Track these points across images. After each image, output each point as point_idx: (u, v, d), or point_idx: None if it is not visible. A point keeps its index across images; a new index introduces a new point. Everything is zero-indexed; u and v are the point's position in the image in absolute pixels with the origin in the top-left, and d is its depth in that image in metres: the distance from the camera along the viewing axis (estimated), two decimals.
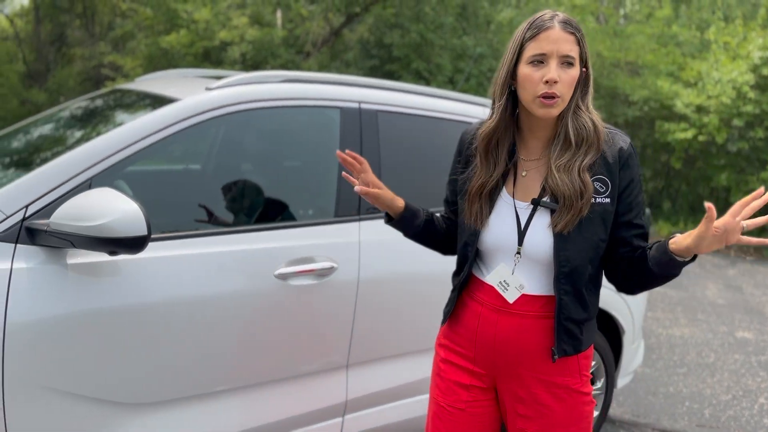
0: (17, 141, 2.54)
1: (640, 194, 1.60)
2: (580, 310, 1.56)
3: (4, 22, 19.24)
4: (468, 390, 1.66)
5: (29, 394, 1.77)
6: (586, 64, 1.54)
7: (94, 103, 2.69)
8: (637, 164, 1.59)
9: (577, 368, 1.60)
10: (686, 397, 4.01)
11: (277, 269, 2.14)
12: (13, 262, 1.76)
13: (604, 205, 1.53)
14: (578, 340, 1.57)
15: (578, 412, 1.60)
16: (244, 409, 2.16)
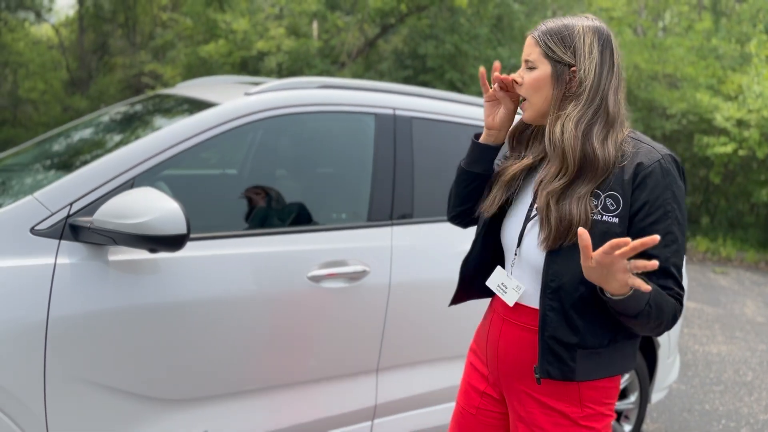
0: (62, 142, 2.62)
1: (664, 221, 1.39)
2: (567, 331, 1.43)
3: (49, 32, 19.87)
4: (481, 396, 1.66)
5: (68, 386, 1.82)
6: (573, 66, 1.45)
7: (137, 107, 2.77)
8: (665, 185, 1.39)
9: (577, 397, 1.48)
10: (722, 415, 3.91)
11: (310, 271, 2.17)
12: (57, 257, 1.82)
13: (608, 224, 1.40)
14: (567, 366, 1.43)
15: None
16: (273, 409, 2.18)
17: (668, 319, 1.38)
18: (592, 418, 1.49)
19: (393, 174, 2.42)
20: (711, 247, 9.50)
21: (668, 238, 1.39)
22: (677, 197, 1.41)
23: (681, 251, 1.41)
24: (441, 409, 2.53)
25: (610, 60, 1.47)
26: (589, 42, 1.46)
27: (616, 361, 1.48)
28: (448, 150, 2.62)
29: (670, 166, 1.41)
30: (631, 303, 1.31)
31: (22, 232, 1.81)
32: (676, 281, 1.40)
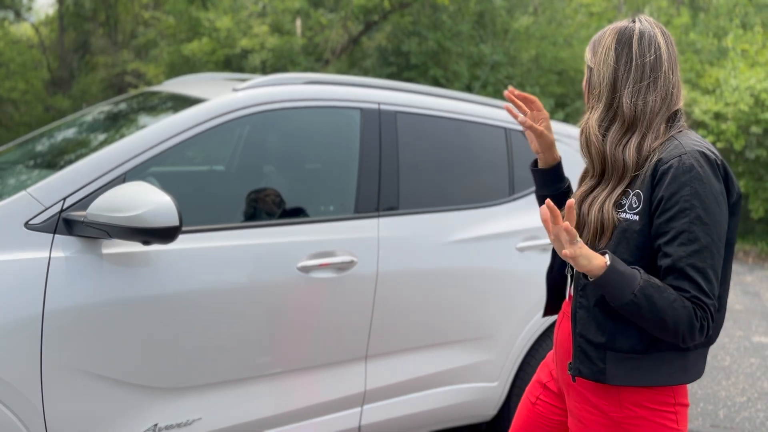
0: (52, 140, 2.66)
1: (679, 219, 1.34)
2: (595, 330, 1.44)
3: (29, 31, 19.67)
4: (543, 388, 1.70)
5: (65, 377, 1.87)
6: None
7: (125, 104, 2.81)
8: (684, 182, 1.34)
9: (617, 398, 1.44)
10: (701, 398, 4.03)
11: (300, 262, 2.23)
12: (52, 251, 1.86)
13: (629, 222, 1.41)
14: (596, 366, 1.43)
15: None
16: (267, 397, 2.24)
17: (680, 321, 1.32)
18: (636, 421, 1.44)
19: (379, 167, 2.48)
20: None
21: (684, 236, 1.33)
22: (700, 195, 1.34)
23: (704, 253, 1.33)
24: (427, 394, 2.60)
25: (628, 57, 1.45)
26: (608, 44, 1.48)
27: (659, 370, 1.42)
28: (431, 143, 2.69)
29: (694, 163, 1.36)
30: (610, 289, 1.32)
31: (16, 227, 1.85)
32: (694, 284, 1.33)
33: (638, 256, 1.40)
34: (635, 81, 1.44)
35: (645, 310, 1.31)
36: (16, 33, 18.69)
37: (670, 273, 1.35)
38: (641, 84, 1.44)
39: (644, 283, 1.31)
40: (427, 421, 2.64)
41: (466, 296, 2.63)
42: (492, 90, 10.65)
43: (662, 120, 1.46)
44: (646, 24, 1.48)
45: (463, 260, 2.60)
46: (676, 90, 1.47)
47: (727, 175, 1.40)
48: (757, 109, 9.20)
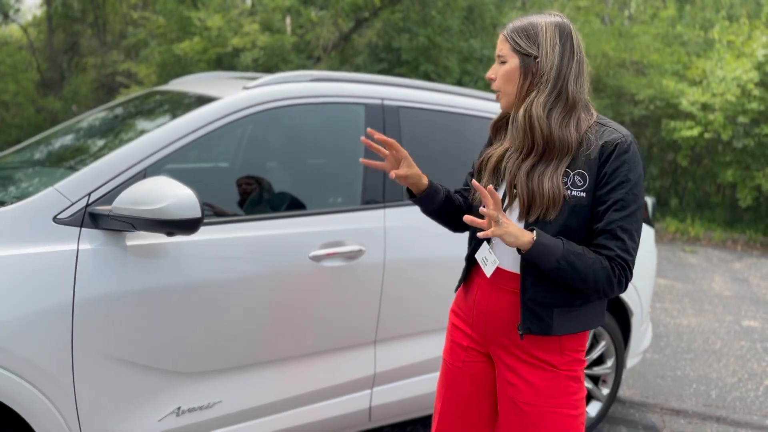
0: (67, 139, 2.75)
1: (618, 190, 1.59)
2: (543, 293, 1.65)
3: (17, 32, 19.59)
4: (466, 351, 1.86)
5: (94, 362, 1.97)
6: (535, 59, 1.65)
7: (138, 104, 2.90)
8: (625, 161, 1.59)
9: (557, 347, 1.70)
10: (693, 380, 4.18)
11: (311, 252, 2.34)
12: (79, 243, 1.96)
13: (577, 198, 1.61)
14: (546, 323, 1.65)
15: (562, 387, 1.70)
16: (281, 380, 2.35)
17: (599, 279, 1.57)
18: (571, 364, 1.72)
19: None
20: (680, 228, 9.85)
21: (619, 204, 1.58)
22: (634, 171, 1.60)
23: (632, 217, 1.59)
24: (434, 377, 2.72)
25: (571, 50, 1.67)
26: (551, 36, 1.66)
27: (589, 317, 1.71)
28: (433, 136, 2.80)
29: (631, 144, 1.62)
30: (538, 259, 1.56)
31: (45, 221, 1.95)
32: (620, 243, 1.57)
33: (585, 226, 1.63)
34: (576, 70, 1.67)
35: (569, 273, 1.56)
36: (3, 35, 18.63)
37: (602, 233, 1.60)
38: (580, 71, 1.68)
39: (565, 252, 1.56)
40: (433, 403, 2.76)
41: None
42: (482, 84, 10.77)
43: (586, 104, 1.70)
44: (567, 18, 1.72)
45: (462, 247, 2.71)
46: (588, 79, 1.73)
47: (643, 158, 1.64)
48: (743, 99, 9.38)
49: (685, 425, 3.54)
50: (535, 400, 1.70)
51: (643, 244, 3.34)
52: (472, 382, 1.85)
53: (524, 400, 1.72)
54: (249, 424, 2.29)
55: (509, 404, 1.75)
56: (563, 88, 1.66)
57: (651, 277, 3.42)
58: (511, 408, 1.75)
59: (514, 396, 1.74)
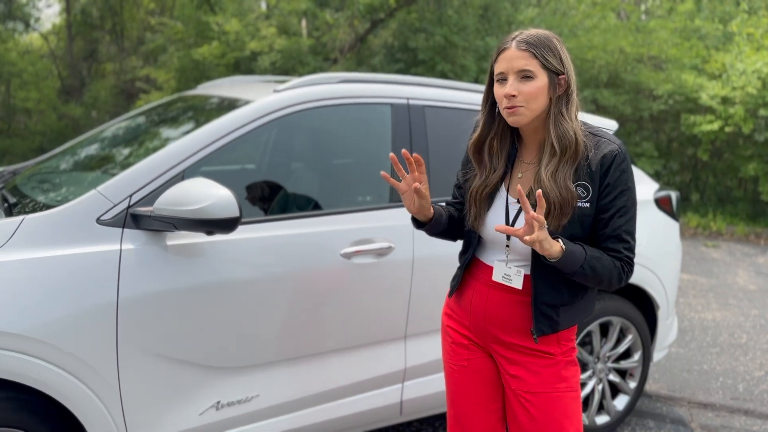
0: (105, 142, 2.83)
1: (621, 198, 1.70)
2: (555, 295, 1.77)
3: (38, 41, 19.92)
4: (468, 349, 1.93)
5: (138, 358, 2.04)
6: (563, 74, 1.70)
7: (170, 108, 2.98)
8: (623, 170, 1.70)
9: (555, 339, 1.81)
10: (720, 373, 4.18)
11: (342, 249, 2.39)
12: (122, 243, 2.03)
13: (582, 209, 1.71)
14: (554, 321, 1.78)
15: (560, 374, 1.82)
16: (315, 374, 2.41)
17: (613, 278, 1.71)
18: (568, 353, 1.86)
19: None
20: (702, 223, 9.78)
21: (622, 210, 1.71)
22: (630, 178, 1.73)
23: (633, 221, 1.73)
24: None
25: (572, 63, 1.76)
26: (565, 51, 1.74)
27: (586, 309, 1.87)
28: (458, 134, 2.84)
29: (625, 153, 1.73)
30: (566, 265, 1.64)
31: (89, 223, 2.02)
32: (627, 246, 1.72)
33: (588, 231, 1.75)
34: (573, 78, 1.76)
35: (589, 275, 1.68)
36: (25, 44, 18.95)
37: (609, 238, 1.72)
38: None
39: (588, 257, 1.67)
40: None
41: None
42: None
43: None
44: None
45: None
46: None
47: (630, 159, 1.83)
48: (765, 92, 9.29)
49: (713, 418, 3.55)
50: (539, 388, 1.81)
51: (668, 239, 3.35)
52: (480, 378, 1.92)
53: (529, 389, 1.81)
54: (284, 418, 2.35)
55: (515, 397, 1.84)
56: (573, 96, 1.75)
57: (676, 271, 3.43)
58: (516, 400, 1.84)
59: (519, 387, 1.82)
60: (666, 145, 11.03)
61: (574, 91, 1.74)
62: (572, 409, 1.82)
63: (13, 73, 15.06)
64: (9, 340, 1.82)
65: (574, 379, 1.85)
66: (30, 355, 1.86)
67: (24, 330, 1.84)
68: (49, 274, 1.91)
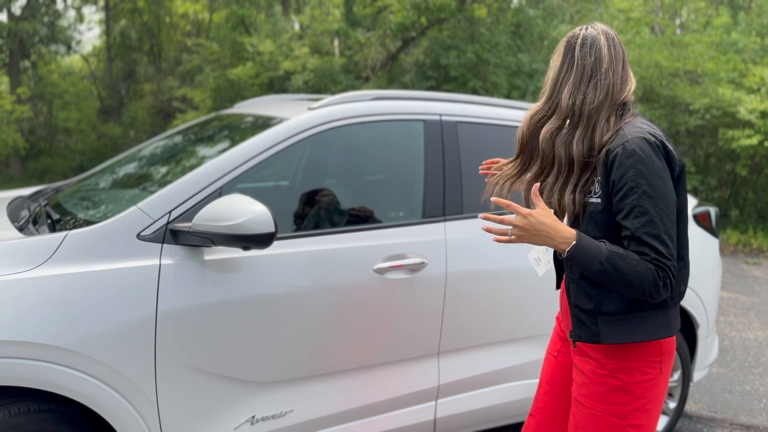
0: (144, 160, 2.91)
1: (630, 197, 1.57)
2: (584, 299, 1.69)
3: (79, 63, 20.56)
4: (562, 342, 1.97)
5: (176, 372, 2.07)
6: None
7: (206, 127, 3.05)
8: (629, 165, 1.57)
9: (612, 353, 1.68)
10: (763, 394, 4.05)
11: (375, 264, 2.40)
12: (162, 258, 2.08)
13: (594, 204, 1.66)
14: (592, 330, 1.67)
15: (604, 393, 1.69)
16: (348, 390, 2.41)
17: (645, 281, 1.54)
18: (624, 372, 1.68)
19: (443, 174, 2.65)
20: (742, 239, 9.54)
21: (636, 210, 1.57)
22: (644, 174, 1.56)
23: (655, 221, 1.55)
24: (497, 389, 2.73)
25: (570, 62, 1.69)
26: (558, 49, 1.72)
27: (644, 327, 1.65)
28: (490, 149, 2.84)
29: (635, 148, 1.58)
30: (582, 261, 1.56)
31: (130, 238, 2.07)
32: (652, 248, 1.55)
33: (605, 231, 1.65)
34: (575, 81, 1.68)
35: (613, 275, 1.54)
36: (67, 65, 19.58)
37: (631, 242, 1.58)
38: (580, 82, 1.68)
39: (609, 254, 1.55)
40: (498, 415, 2.77)
41: (528, 294, 2.76)
42: (531, 99, 10.74)
43: (609, 113, 1.67)
44: (591, 30, 1.72)
45: (524, 259, 2.74)
46: (619, 85, 1.68)
47: (667, 152, 1.63)
48: None
49: None
50: (581, 399, 1.75)
51: (707, 255, 3.28)
52: (563, 372, 1.93)
53: (574, 396, 1.80)
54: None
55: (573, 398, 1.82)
56: (558, 98, 1.70)
57: (716, 288, 3.35)
58: (573, 401, 1.82)
59: (573, 390, 1.82)
60: (703, 161, 10.82)
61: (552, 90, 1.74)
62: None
63: (55, 93, 15.56)
64: (52, 353, 1.87)
65: (623, 407, 1.68)
66: (72, 368, 1.90)
67: (67, 344, 1.89)
68: (90, 289, 1.96)
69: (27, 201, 2.83)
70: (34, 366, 1.85)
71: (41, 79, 15.80)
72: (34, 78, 16.50)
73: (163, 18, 18.13)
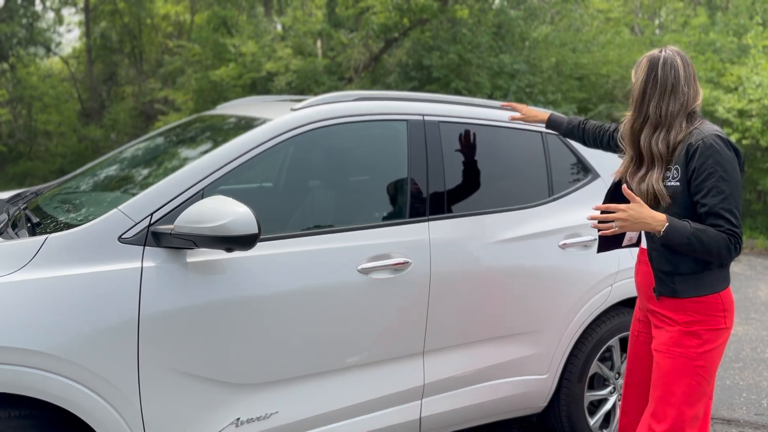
0: (125, 163, 2.88)
1: (709, 180, 2.00)
2: (664, 263, 2.13)
3: (59, 65, 20.33)
4: (639, 322, 2.40)
5: (159, 376, 2.06)
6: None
7: (188, 128, 3.03)
8: (709, 156, 2.00)
9: (681, 308, 2.12)
10: (743, 389, 4.11)
11: (360, 264, 2.40)
12: (143, 261, 2.06)
13: (674, 188, 2.07)
14: (670, 288, 2.13)
15: (678, 339, 2.12)
16: (333, 391, 2.41)
17: (721, 249, 1.98)
18: (695, 324, 2.10)
19: (426, 174, 2.66)
20: None
21: (714, 190, 2.00)
22: (720, 162, 2.00)
23: (730, 200, 1.99)
24: (482, 387, 2.74)
25: (654, 79, 2.09)
26: (642, 67, 2.13)
27: (711, 282, 2.10)
28: (473, 149, 2.86)
29: (712, 142, 2.02)
30: (673, 238, 1.99)
31: (111, 241, 2.06)
32: (726, 221, 1.99)
33: (683, 208, 2.08)
34: (659, 94, 2.09)
35: (696, 246, 1.99)
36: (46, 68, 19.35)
37: (708, 216, 2.02)
38: (663, 95, 2.09)
39: (693, 229, 1.99)
40: (483, 413, 2.79)
41: (513, 292, 2.78)
42: (514, 98, 10.80)
43: (682, 119, 2.10)
44: (669, 52, 2.12)
45: (509, 258, 2.76)
46: (692, 96, 2.10)
47: (734, 147, 2.07)
48: None
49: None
50: (660, 347, 2.16)
51: None
52: (645, 349, 2.35)
53: (655, 347, 2.19)
54: None
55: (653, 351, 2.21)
56: (646, 109, 2.11)
57: None
58: (654, 355, 2.21)
59: (652, 346, 2.22)
60: None
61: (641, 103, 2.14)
62: (682, 372, 2.09)
63: (34, 96, 15.36)
64: (33, 357, 1.85)
65: (692, 349, 2.09)
66: (54, 372, 1.88)
67: (48, 348, 1.87)
68: (71, 292, 1.94)
69: (6, 205, 2.80)
70: (15, 371, 1.83)
71: (20, 81, 15.59)
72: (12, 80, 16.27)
73: (144, 19, 17.99)
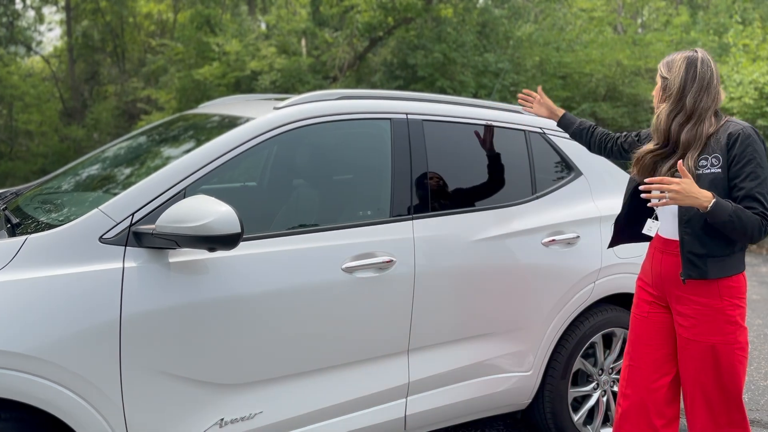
0: (107, 162, 2.86)
1: (748, 166, 2.16)
2: (698, 246, 2.22)
3: (40, 64, 20.10)
4: (650, 305, 2.45)
5: (142, 376, 2.04)
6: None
7: (170, 127, 3.01)
8: (748, 144, 2.17)
9: (717, 292, 2.22)
10: None
11: (344, 263, 2.40)
12: (125, 262, 2.05)
13: (714, 174, 2.20)
14: (701, 269, 2.21)
15: (718, 327, 2.21)
16: (317, 390, 2.40)
17: (755, 229, 2.11)
18: (729, 308, 2.22)
19: (410, 172, 2.66)
20: None
21: (752, 175, 2.16)
22: (756, 150, 2.18)
23: (764, 184, 2.15)
24: (467, 384, 2.75)
25: (693, 75, 2.25)
26: (680, 64, 2.29)
27: (735, 264, 2.23)
28: (457, 147, 2.87)
29: (750, 132, 2.20)
30: (718, 214, 2.09)
31: (92, 241, 2.04)
32: (761, 204, 2.14)
33: (723, 193, 2.19)
34: (697, 88, 2.25)
35: (736, 223, 2.11)
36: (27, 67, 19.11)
37: (744, 199, 2.16)
38: (700, 90, 2.25)
39: (735, 208, 2.12)
40: (468, 410, 2.80)
41: (497, 290, 2.79)
42: (498, 97, 10.85)
43: (712, 113, 2.28)
44: (703, 53, 2.31)
45: (493, 256, 2.77)
46: (719, 94, 2.30)
47: (763, 140, 2.25)
48: (762, 102, 9.35)
49: None
50: (697, 337, 2.24)
51: None
52: (655, 328, 2.41)
53: (689, 336, 2.26)
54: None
55: (680, 342, 2.30)
56: (684, 101, 2.25)
57: None
58: (681, 344, 2.30)
59: (682, 333, 2.29)
60: None
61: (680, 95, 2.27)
62: (726, 361, 2.20)
63: (15, 96, 15.15)
64: (13, 359, 1.83)
65: (732, 335, 2.21)
66: (34, 374, 1.86)
67: (28, 349, 1.85)
68: (52, 293, 1.92)
69: None
70: None
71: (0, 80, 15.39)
72: None
73: (126, 18, 17.83)
